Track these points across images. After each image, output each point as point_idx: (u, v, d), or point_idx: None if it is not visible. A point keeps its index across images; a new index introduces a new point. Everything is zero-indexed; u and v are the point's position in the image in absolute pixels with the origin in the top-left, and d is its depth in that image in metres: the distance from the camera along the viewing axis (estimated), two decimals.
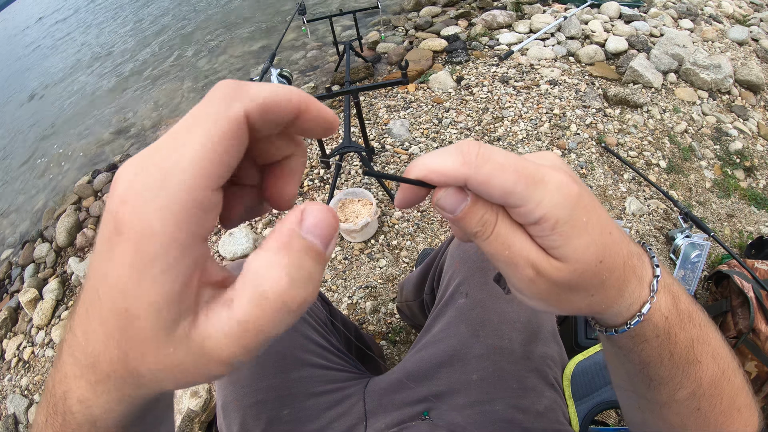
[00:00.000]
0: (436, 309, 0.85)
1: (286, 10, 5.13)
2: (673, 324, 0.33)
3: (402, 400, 0.74)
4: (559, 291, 0.29)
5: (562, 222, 0.27)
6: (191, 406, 1.36)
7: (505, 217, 0.28)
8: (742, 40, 3.02)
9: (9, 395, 1.96)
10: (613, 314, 0.32)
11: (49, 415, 0.28)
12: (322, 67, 3.53)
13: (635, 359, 0.35)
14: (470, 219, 0.28)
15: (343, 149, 1.89)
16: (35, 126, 4.80)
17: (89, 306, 0.23)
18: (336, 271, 1.84)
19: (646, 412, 0.40)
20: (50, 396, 0.28)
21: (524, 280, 0.29)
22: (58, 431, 0.28)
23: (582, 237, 0.27)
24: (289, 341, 0.78)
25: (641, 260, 0.33)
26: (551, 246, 0.27)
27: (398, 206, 0.31)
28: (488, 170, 0.26)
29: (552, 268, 0.28)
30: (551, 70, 2.68)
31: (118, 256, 0.20)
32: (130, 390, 0.24)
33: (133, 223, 0.19)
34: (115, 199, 0.20)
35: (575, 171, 2.09)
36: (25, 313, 2.29)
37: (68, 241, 2.57)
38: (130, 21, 7.55)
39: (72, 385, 0.25)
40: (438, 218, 1.96)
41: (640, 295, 0.32)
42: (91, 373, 0.24)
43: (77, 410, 0.26)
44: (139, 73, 4.90)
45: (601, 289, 0.30)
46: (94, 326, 0.22)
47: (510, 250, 0.28)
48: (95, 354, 0.23)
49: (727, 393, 0.36)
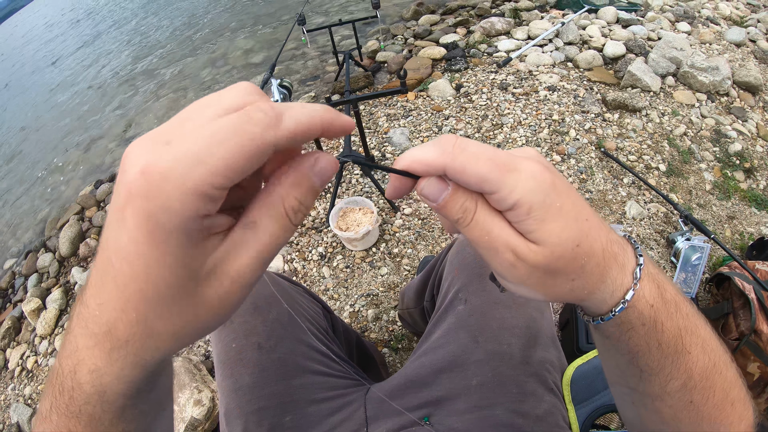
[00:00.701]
0: (435, 315, 0.86)
1: (285, 20, 5.18)
2: (659, 312, 0.34)
3: (402, 406, 0.74)
4: (540, 275, 0.30)
5: (536, 207, 0.28)
6: (194, 414, 1.36)
7: (485, 204, 0.30)
8: (740, 41, 3.03)
9: (12, 404, 1.97)
10: (598, 301, 0.33)
11: (54, 398, 0.29)
12: (322, 76, 3.56)
13: (624, 349, 0.35)
14: (451, 207, 0.30)
15: (344, 158, 1.90)
16: (38, 135, 4.84)
17: (103, 275, 0.25)
18: (338, 279, 1.85)
19: (640, 407, 0.41)
20: (56, 377, 0.29)
21: (505, 264, 0.30)
22: (64, 412, 0.29)
23: (557, 221, 0.29)
24: (290, 349, 0.79)
25: (623, 248, 0.34)
26: (528, 230, 0.29)
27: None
28: (463, 159, 0.28)
29: (530, 251, 0.29)
30: (550, 76, 2.69)
31: (132, 222, 0.22)
32: (145, 353, 0.26)
33: (154, 197, 0.22)
34: (134, 172, 0.22)
35: (575, 176, 2.10)
36: (29, 323, 2.29)
37: (71, 251, 2.59)
38: (132, 32, 7.64)
39: (84, 356, 0.27)
40: (438, 226, 1.97)
41: (623, 282, 0.33)
42: (107, 340, 0.26)
43: (87, 381, 0.27)
44: (142, 84, 4.95)
45: (582, 274, 0.31)
46: (109, 294, 0.24)
47: (489, 235, 0.30)
48: (111, 321, 0.25)
49: (720, 386, 0.36)
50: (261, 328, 0.79)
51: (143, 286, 0.23)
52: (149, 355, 0.26)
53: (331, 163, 0.28)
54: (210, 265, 0.25)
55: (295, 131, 0.25)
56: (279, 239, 0.26)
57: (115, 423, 0.30)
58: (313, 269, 1.90)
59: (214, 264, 0.25)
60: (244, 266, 0.26)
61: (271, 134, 0.24)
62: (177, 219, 0.22)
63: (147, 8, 9.08)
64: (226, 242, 0.26)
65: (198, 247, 0.24)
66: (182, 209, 0.22)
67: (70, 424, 0.29)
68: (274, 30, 5.06)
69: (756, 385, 1.28)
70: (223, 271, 0.25)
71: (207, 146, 0.22)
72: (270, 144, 0.24)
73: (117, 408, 0.29)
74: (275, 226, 0.26)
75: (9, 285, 2.70)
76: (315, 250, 1.96)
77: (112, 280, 0.24)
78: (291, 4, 5.79)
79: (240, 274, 0.26)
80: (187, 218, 0.23)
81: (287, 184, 0.27)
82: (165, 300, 0.24)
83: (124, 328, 0.25)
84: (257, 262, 0.26)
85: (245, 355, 0.76)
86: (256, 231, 0.26)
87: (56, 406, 0.29)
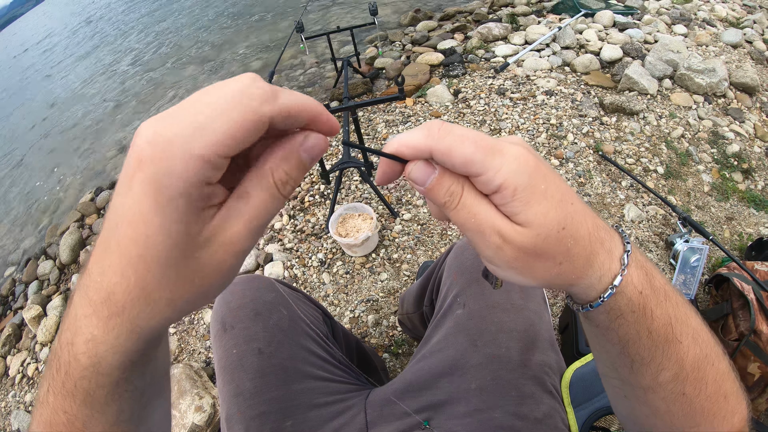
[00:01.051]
0: (434, 320, 0.86)
1: (284, 28, 5.21)
2: (648, 299, 0.34)
3: (402, 410, 0.74)
4: (527, 258, 0.31)
5: (521, 188, 0.29)
6: (195, 420, 1.37)
7: (471, 188, 0.31)
8: (736, 42, 3.05)
9: (13, 411, 1.97)
10: (586, 287, 0.33)
11: (52, 378, 0.30)
12: (320, 83, 3.58)
13: (614, 338, 0.36)
14: (438, 190, 0.31)
15: (343, 165, 1.91)
16: (40, 143, 4.86)
17: (107, 241, 0.26)
18: (338, 285, 1.86)
19: (633, 400, 0.41)
20: (54, 355, 0.30)
21: (492, 247, 0.31)
22: (60, 391, 0.30)
23: (541, 203, 0.29)
24: (291, 354, 0.80)
25: (609, 234, 0.34)
26: (513, 212, 0.30)
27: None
28: (449, 141, 0.29)
29: (516, 233, 0.30)
30: (547, 80, 2.71)
31: (138, 187, 0.24)
32: (142, 321, 0.27)
33: (158, 161, 0.23)
34: (141, 142, 0.24)
35: (573, 180, 2.11)
36: (29, 330, 2.30)
37: (72, 258, 2.60)
38: (133, 40, 7.68)
39: (81, 325, 0.27)
40: (438, 231, 1.97)
41: (611, 267, 0.33)
42: (105, 307, 0.26)
43: (83, 352, 0.28)
44: (142, 91, 4.97)
45: (568, 258, 0.31)
46: (111, 259, 0.25)
47: (476, 218, 0.30)
48: (111, 285, 0.26)
49: (712, 377, 0.36)
50: (261, 334, 0.79)
51: (143, 250, 0.24)
52: (145, 322, 0.27)
53: (320, 139, 0.30)
54: (206, 233, 0.26)
55: (289, 107, 0.27)
56: (269, 208, 0.28)
57: (109, 402, 0.30)
58: (313, 275, 1.91)
59: (210, 232, 0.27)
60: (236, 234, 0.27)
61: (267, 108, 0.25)
62: (181, 183, 0.24)
63: (154, 16, 9.14)
64: (221, 212, 0.27)
65: (198, 214, 0.26)
66: (186, 174, 0.24)
67: (65, 403, 0.30)
68: (273, 36, 5.09)
69: (756, 385, 1.28)
70: (218, 239, 0.27)
71: (210, 117, 0.24)
72: (266, 116, 0.25)
73: (111, 382, 0.29)
74: (264, 195, 0.27)
75: (9, 292, 2.71)
76: (315, 257, 1.97)
77: (116, 244, 0.25)
78: (290, 11, 5.83)
79: (233, 242, 0.27)
80: (191, 183, 0.24)
81: (277, 158, 0.28)
82: (163, 264, 0.25)
83: (122, 292, 0.26)
84: (249, 229, 0.27)
85: (246, 361, 0.77)
86: (248, 200, 0.27)
87: (53, 387, 0.30)
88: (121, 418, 0.32)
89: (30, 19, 19.28)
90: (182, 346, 1.82)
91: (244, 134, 0.25)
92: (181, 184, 0.24)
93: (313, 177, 2.36)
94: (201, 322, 1.88)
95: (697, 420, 0.37)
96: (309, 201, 2.24)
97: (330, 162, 2.43)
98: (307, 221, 2.13)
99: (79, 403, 0.29)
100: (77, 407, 0.30)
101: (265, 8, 6.39)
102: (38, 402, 0.32)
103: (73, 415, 0.30)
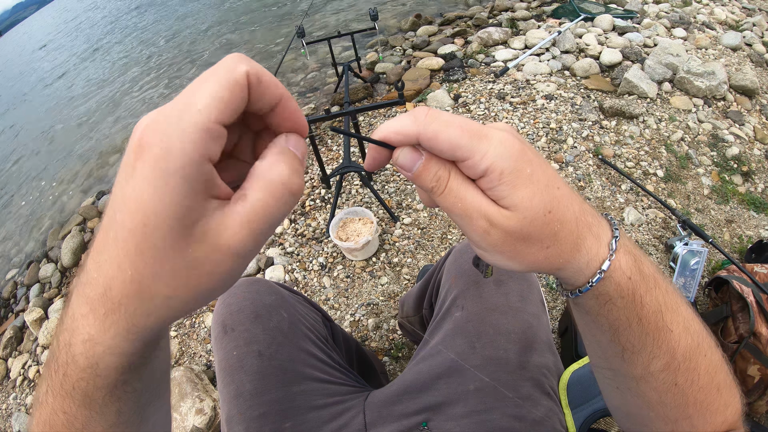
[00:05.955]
0: (433, 322, 0.87)
1: (285, 33, 5.24)
2: (637, 285, 0.34)
3: (401, 412, 0.75)
4: (514, 241, 0.31)
5: (507, 172, 0.29)
6: (196, 423, 1.37)
7: (458, 173, 0.31)
8: (736, 45, 3.06)
9: (14, 413, 1.98)
10: (574, 271, 0.34)
11: (50, 378, 0.30)
12: (321, 88, 3.60)
13: (604, 324, 0.36)
14: (425, 175, 0.31)
15: (344, 169, 1.92)
16: (41, 146, 4.89)
17: (105, 234, 0.26)
18: (338, 289, 1.86)
19: (625, 391, 0.41)
20: (52, 356, 0.30)
21: (479, 231, 0.31)
22: (58, 391, 0.29)
23: (528, 187, 0.30)
24: (291, 356, 0.80)
25: (597, 220, 0.34)
26: (500, 196, 0.30)
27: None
28: (436, 126, 0.30)
29: (502, 217, 0.30)
30: (547, 84, 2.72)
31: (138, 173, 0.23)
32: (138, 319, 0.26)
33: (155, 143, 0.23)
34: (138, 131, 0.24)
35: (573, 184, 2.11)
36: (31, 333, 2.31)
37: (73, 262, 2.61)
38: (133, 43, 7.73)
39: (79, 325, 0.27)
40: (438, 235, 1.98)
41: (599, 252, 0.33)
42: (101, 304, 0.26)
43: (80, 352, 0.28)
44: (142, 95, 5.00)
45: (555, 241, 0.32)
46: (108, 252, 0.25)
47: (463, 202, 0.31)
48: (107, 279, 0.25)
49: (704, 368, 0.36)
50: (262, 336, 0.80)
51: (140, 239, 0.24)
52: (142, 321, 0.26)
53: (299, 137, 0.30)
54: (204, 226, 0.25)
55: (259, 72, 0.26)
56: (269, 208, 0.27)
57: (108, 403, 0.30)
58: (313, 279, 1.91)
59: (208, 227, 0.26)
60: (234, 233, 0.26)
61: (243, 65, 0.25)
62: (179, 161, 0.23)
63: (158, 24, 9.18)
64: (221, 211, 0.26)
65: (197, 199, 0.25)
66: (184, 149, 0.23)
67: (64, 404, 0.30)
68: (274, 41, 5.12)
69: (756, 387, 1.28)
70: (214, 238, 0.26)
71: (195, 90, 0.25)
72: (243, 72, 0.25)
73: (110, 384, 0.29)
74: (262, 194, 0.27)
75: (11, 295, 2.72)
76: (316, 261, 1.97)
77: (113, 237, 0.25)
78: (291, 17, 5.86)
79: (230, 243, 0.26)
80: (189, 159, 0.23)
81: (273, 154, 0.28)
82: (159, 256, 0.24)
83: (119, 287, 0.25)
84: (247, 230, 0.26)
85: (246, 363, 0.77)
86: (246, 202, 0.26)
87: (51, 387, 0.30)
88: (120, 419, 0.32)
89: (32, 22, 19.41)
90: (183, 350, 1.83)
91: (229, 94, 0.25)
92: (179, 161, 0.23)
93: (314, 181, 2.37)
94: (202, 326, 1.89)
95: (690, 412, 0.37)
96: (310, 205, 2.25)
97: (330, 166, 2.45)
98: (307, 225, 2.14)
99: (78, 404, 0.29)
100: (76, 408, 0.30)
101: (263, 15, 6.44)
102: (37, 402, 0.32)
103: (73, 416, 0.30)
